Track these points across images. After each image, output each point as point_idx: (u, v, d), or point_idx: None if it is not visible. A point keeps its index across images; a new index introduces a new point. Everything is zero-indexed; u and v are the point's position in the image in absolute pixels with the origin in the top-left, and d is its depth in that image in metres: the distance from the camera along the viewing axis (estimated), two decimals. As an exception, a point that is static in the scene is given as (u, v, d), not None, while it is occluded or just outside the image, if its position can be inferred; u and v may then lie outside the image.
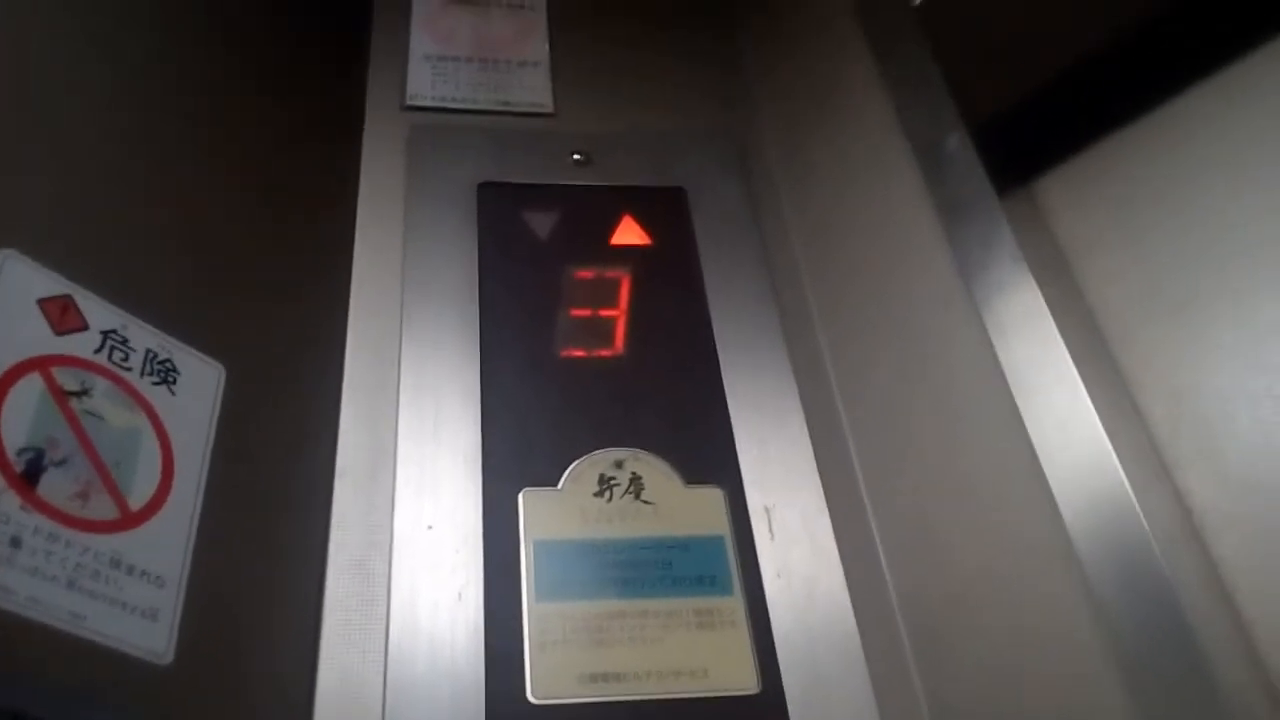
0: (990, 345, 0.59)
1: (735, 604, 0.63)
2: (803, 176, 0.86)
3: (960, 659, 0.60)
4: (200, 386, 0.60)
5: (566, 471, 0.67)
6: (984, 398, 0.59)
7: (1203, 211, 0.63)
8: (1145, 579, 0.49)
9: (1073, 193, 0.73)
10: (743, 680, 0.61)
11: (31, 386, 0.51)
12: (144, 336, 0.58)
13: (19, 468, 0.49)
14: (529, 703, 0.58)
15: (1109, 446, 0.52)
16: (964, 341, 0.61)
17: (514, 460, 0.67)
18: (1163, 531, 0.53)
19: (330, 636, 0.60)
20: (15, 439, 0.49)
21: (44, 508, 0.49)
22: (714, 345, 0.76)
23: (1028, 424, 0.56)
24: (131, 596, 0.51)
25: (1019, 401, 0.57)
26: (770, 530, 0.67)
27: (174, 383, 0.59)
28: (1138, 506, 0.50)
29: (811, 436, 0.72)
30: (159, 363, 0.58)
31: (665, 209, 0.84)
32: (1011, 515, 0.57)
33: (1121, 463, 0.52)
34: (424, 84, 0.89)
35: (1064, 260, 0.72)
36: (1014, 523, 0.57)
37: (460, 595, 0.62)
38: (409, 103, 0.88)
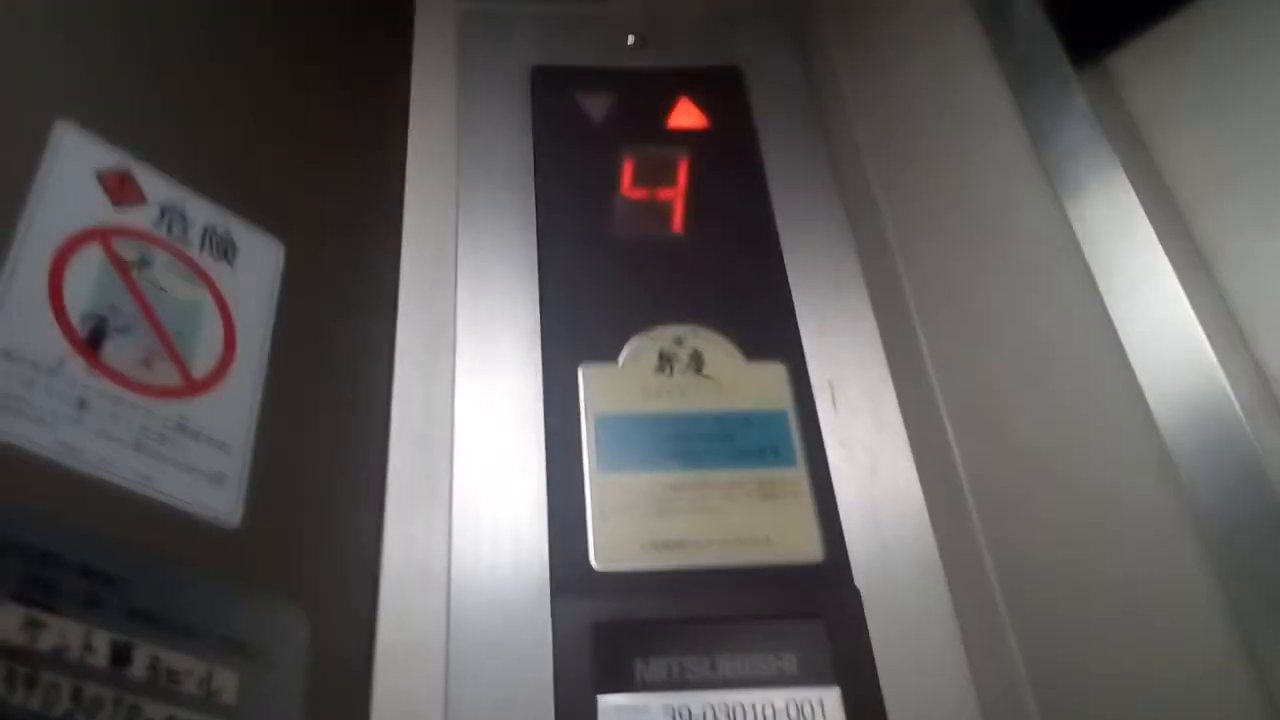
0: (1062, 210, 0.56)
1: (798, 475, 0.63)
2: (863, 51, 0.83)
3: (1031, 526, 0.59)
4: (260, 262, 0.61)
5: (626, 348, 0.67)
6: (1056, 264, 0.57)
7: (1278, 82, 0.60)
8: (1229, 446, 0.48)
9: (1148, 66, 0.69)
10: (806, 549, 0.60)
11: (92, 255, 0.52)
12: (203, 211, 0.58)
13: (83, 334, 0.49)
14: (592, 569, 0.59)
15: (1189, 310, 0.50)
16: (1033, 207, 0.59)
17: (573, 337, 0.67)
18: (1242, 401, 0.51)
19: (395, 506, 0.61)
20: (78, 306, 0.50)
21: (109, 372, 0.50)
22: (774, 223, 0.74)
23: (1103, 290, 0.54)
24: (198, 460, 0.52)
25: (1093, 267, 0.55)
26: (833, 403, 0.66)
27: (233, 258, 0.59)
28: (1220, 371, 0.48)
29: (875, 310, 0.71)
30: (218, 238, 0.59)
31: (722, 90, 0.82)
32: (1086, 383, 0.55)
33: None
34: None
35: (1139, 135, 0.69)
36: (1089, 391, 0.55)
37: (522, 468, 0.62)
38: (461, -11, 0.86)
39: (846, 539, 0.61)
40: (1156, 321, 0.52)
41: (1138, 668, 0.51)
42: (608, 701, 0.54)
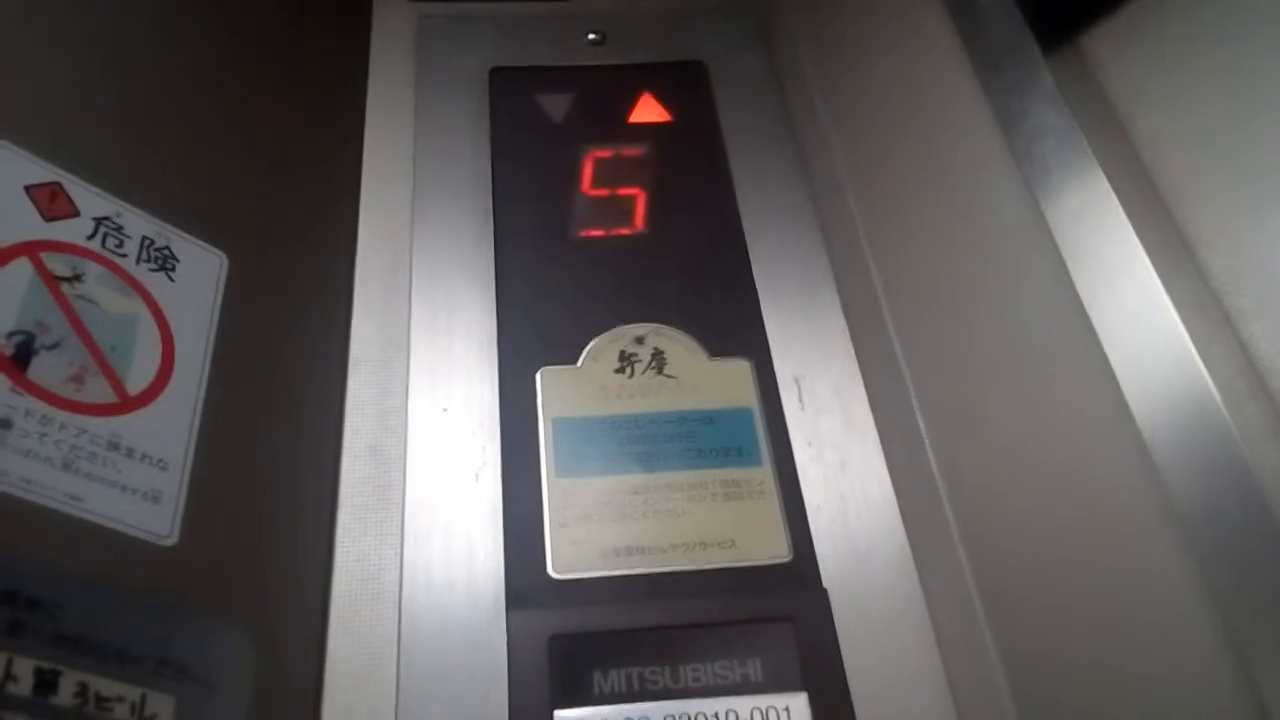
0: (1033, 199, 0.55)
1: (764, 474, 0.61)
2: (829, 42, 0.82)
3: (1007, 522, 0.57)
4: (201, 274, 0.59)
5: (586, 349, 0.65)
6: (1029, 254, 0.55)
7: (1258, 58, 0.58)
8: (1208, 436, 0.45)
9: (1121, 46, 0.67)
10: (773, 549, 0.58)
11: (20, 271, 0.50)
12: (140, 224, 0.57)
13: (9, 351, 0.48)
14: (550, 577, 0.57)
15: (1166, 298, 0.48)
16: (1004, 197, 0.58)
17: (531, 340, 0.65)
18: (1226, 382, 0.49)
19: (346, 521, 0.59)
20: (4, 322, 0.48)
21: (35, 390, 0.48)
22: (739, 219, 0.72)
23: (1076, 279, 0.52)
24: (131, 479, 0.50)
25: (1066, 256, 0.53)
26: (800, 400, 0.64)
27: (173, 270, 0.57)
28: (1199, 360, 0.46)
29: (844, 306, 0.69)
30: (156, 249, 0.57)
31: (685, 84, 0.80)
32: (1061, 375, 0.53)
33: (1181, 315, 0.48)
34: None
35: (1116, 117, 0.67)
36: (1064, 383, 0.53)
37: (477, 476, 0.60)
38: (417, -7, 0.85)
39: (814, 538, 0.59)
40: (1132, 310, 0.50)
41: (1119, 664, 0.49)
42: (565, 716, 0.52)
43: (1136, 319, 0.49)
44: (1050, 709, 0.53)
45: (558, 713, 0.52)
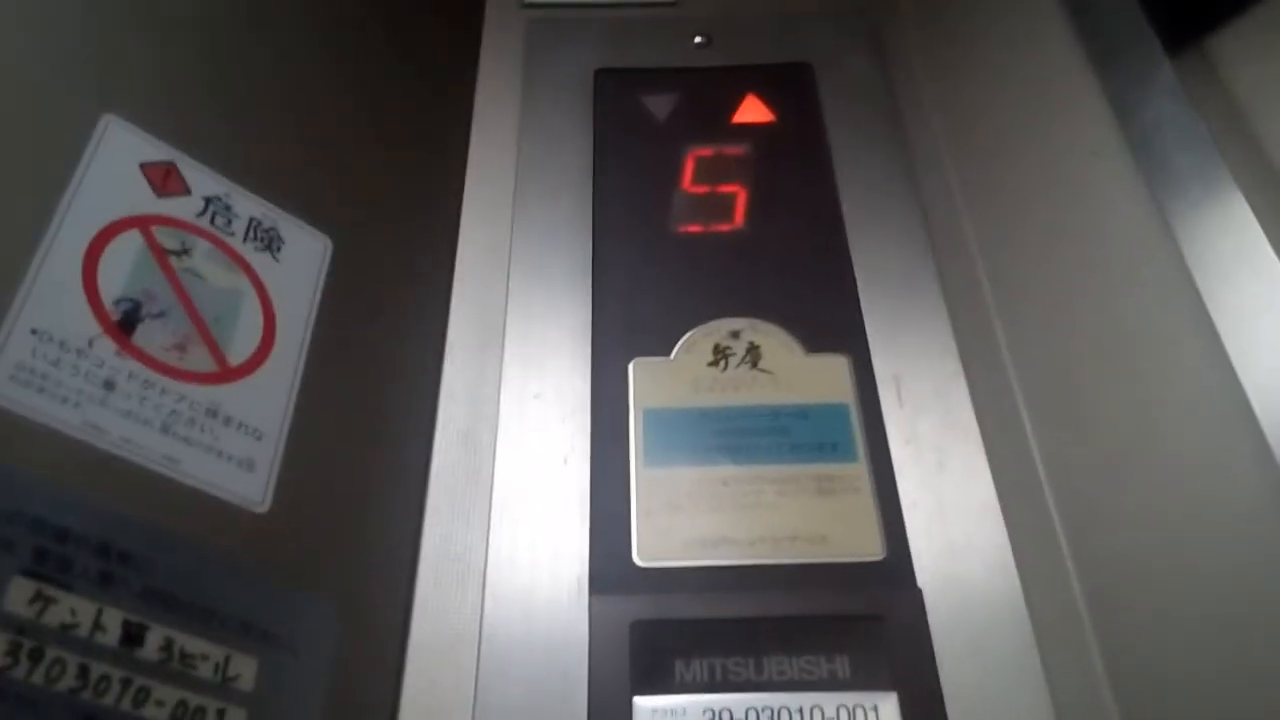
0: (1153, 198, 0.52)
1: (859, 470, 0.59)
2: (942, 43, 0.80)
3: (1114, 524, 0.54)
4: (306, 256, 0.61)
5: (680, 342, 0.64)
6: (1147, 253, 0.53)
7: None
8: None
9: (1249, 47, 0.64)
10: (866, 546, 0.56)
11: (131, 242, 0.52)
12: (248, 205, 0.59)
13: (115, 316, 0.50)
14: (635, 565, 0.56)
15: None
16: (1123, 196, 0.55)
17: (625, 332, 0.65)
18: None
19: (435, 502, 0.59)
20: (112, 289, 0.50)
21: (139, 355, 0.50)
22: (840, 216, 0.71)
23: (1197, 279, 0.49)
24: (228, 445, 0.51)
25: (1187, 256, 0.50)
26: (899, 398, 0.62)
27: (278, 250, 0.59)
28: None
29: (948, 305, 0.67)
30: (263, 230, 0.59)
31: (790, 85, 0.79)
32: (1178, 376, 0.51)
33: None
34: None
35: (1243, 119, 0.64)
36: (1180, 379, 0.50)
37: (566, 460, 0.60)
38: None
39: (910, 538, 0.57)
40: (1255, 305, 0.46)
41: (1230, 675, 0.45)
42: (644, 703, 0.51)
43: (1259, 314, 0.46)
44: (1155, 707, 0.49)
45: (637, 699, 0.51)
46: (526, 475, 0.59)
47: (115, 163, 0.53)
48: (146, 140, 0.55)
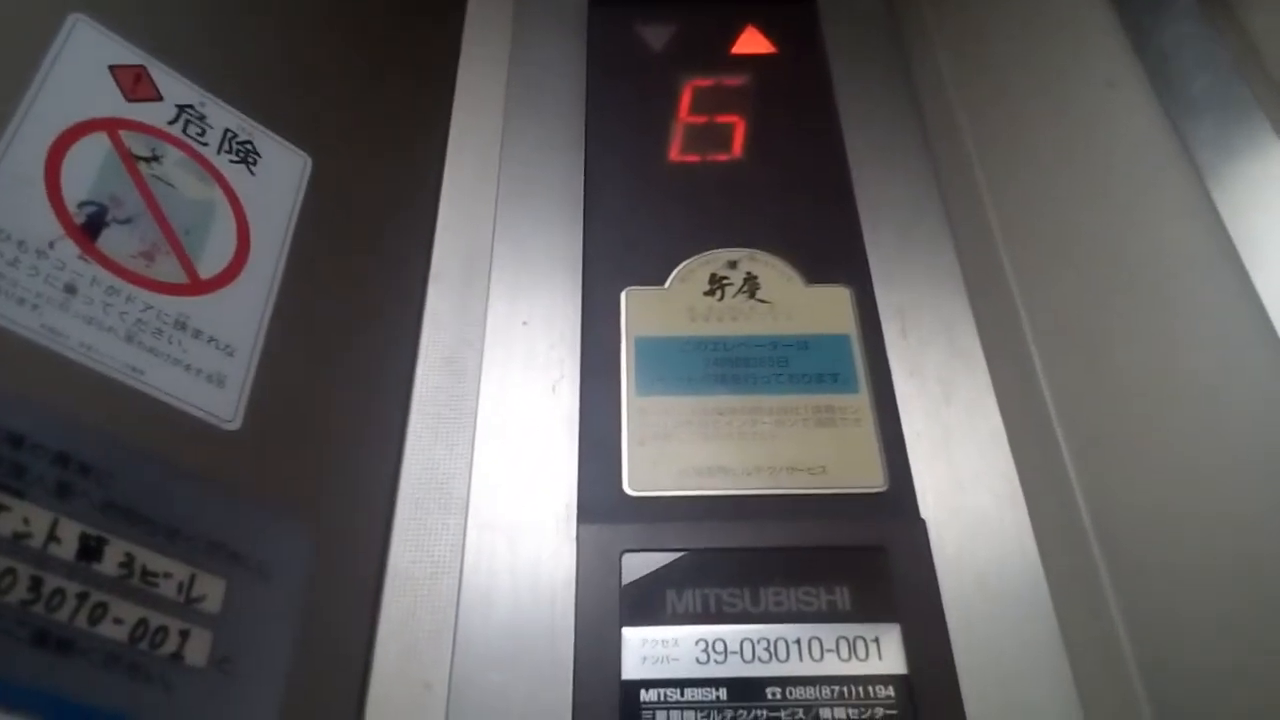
0: (1167, 117, 0.50)
1: (860, 401, 0.56)
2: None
3: (1125, 455, 0.52)
4: (283, 171, 0.58)
5: (675, 272, 0.62)
6: (1163, 177, 0.50)
7: None
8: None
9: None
10: (867, 477, 0.54)
11: (97, 145, 0.49)
12: (223, 116, 0.56)
13: (79, 219, 0.47)
14: (625, 494, 0.53)
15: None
16: (1136, 116, 0.53)
17: (617, 260, 0.62)
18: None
19: (417, 428, 0.57)
20: (76, 192, 0.47)
21: (103, 260, 0.47)
22: (843, 147, 0.68)
23: (1217, 200, 0.46)
24: (196, 359, 0.49)
25: (1206, 179, 0.47)
26: (903, 329, 0.59)
27: (254, 164, 0.56)
28: None
29: (954, 236, 0.64)
30: (239, 143, 0.56)
31: (792, 18, 0.77)
32: (1196, 305, 0.48)
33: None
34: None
35: (1257, 54, 0.61)
36: (1199, 314, 0.48)
37: (554, 388, 0.57)
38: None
39: (914, 469, 0.54)
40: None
41: (1245, 605, 0.43)
42: (633, 634, 0.48)
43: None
44: (1168, 655, 0.47)
45: (626, 630, 0.48)
46: (513, 402, 0.57)
47: (82, 63, 0.50)
48: (116, 42, 0.52)
